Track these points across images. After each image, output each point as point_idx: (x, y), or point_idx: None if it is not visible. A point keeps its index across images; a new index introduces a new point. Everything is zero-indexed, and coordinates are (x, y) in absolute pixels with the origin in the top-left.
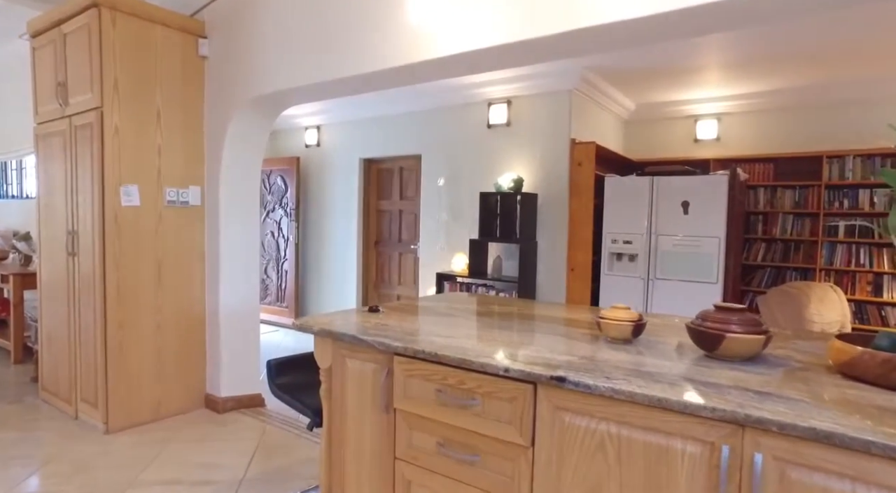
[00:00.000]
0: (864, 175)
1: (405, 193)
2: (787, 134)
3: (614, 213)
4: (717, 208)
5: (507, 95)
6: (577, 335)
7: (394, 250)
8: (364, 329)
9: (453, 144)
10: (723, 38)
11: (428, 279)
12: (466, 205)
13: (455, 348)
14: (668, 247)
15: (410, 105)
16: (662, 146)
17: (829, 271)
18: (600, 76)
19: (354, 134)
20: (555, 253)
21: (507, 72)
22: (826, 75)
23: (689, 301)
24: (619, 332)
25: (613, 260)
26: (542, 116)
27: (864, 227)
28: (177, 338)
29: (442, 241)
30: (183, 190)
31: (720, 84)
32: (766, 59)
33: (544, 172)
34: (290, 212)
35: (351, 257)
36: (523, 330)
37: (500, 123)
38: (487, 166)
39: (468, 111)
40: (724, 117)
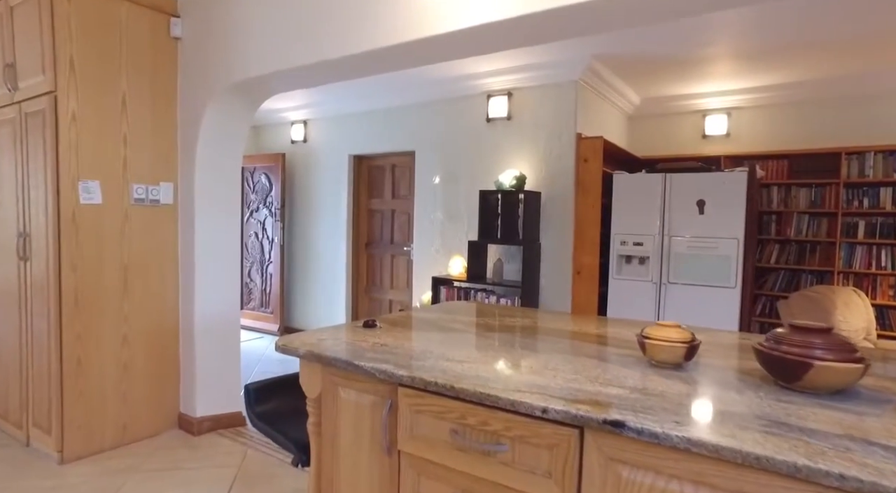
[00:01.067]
0: (886, 172)
1: (398, 192)
2: (803, 129)
3: (624, 212)
4: (736, 207)
5: (508, 87)
6: (615, 357)
7: (386, 252)
8: (360, 352)
9: (450, 139)
10: (734, 25)
11: (422, 283)
12: (464, 204)
13: (475, 379)
14: (681, 249)
15: (403, 98)
16: (668, 143)
17: (848, 273)
18: (607, 67)
19: (343, 129)
20: (559, 255)
21: (508, 62)
22: (843, 67)
23: (705, 307)
24: (670, 355)
25: (622, 263)
26: (546, 108)
27: (886, 226)
28: (146, 351)
29: (437, 242)
30: (153, 187)
31: (731, 76)
32: (779, 49)
33: (548, 169)
34: (276, 212)
35: (340, 259)
36: (549, 350)
37: (500, 117)
38: (487, 163)
39: (466, 104)
40: (734, 112)
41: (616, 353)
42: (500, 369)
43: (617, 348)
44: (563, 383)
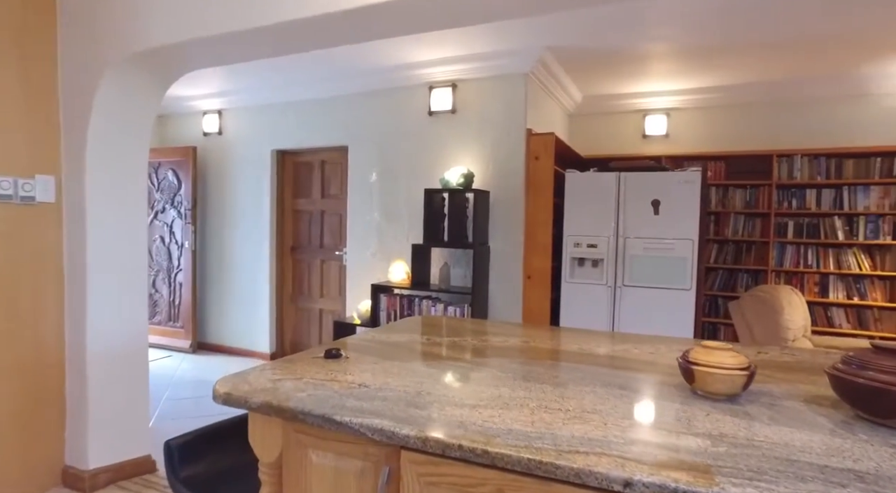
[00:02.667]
0: (812, 175)
1: (328, 191)
2: (738, 131)
3: (576, 213)
4: (690, 208)
5: (452, 78)
6: (651, 388)
7: (314, 258)
8: (337, 400)
9: (388, 133)
10: (672, 24)
11: (358, 291)
12: (404, 204)
13: (510, 436)
14: (637, 250)
15: (335, 88)
16: (610, 142)
17: (780, 272)
18: (557, 60)
19: (265, 121)
20: (509, 259)
21: (452, 50)
22: (774, 73)
23: (660, 311)
24: (727, 385)
25: (575, 266)
26: (494, 102)
27: (812, 227)
28: (15, 391)
29: (375, 246)
30: (26, 180)
31: (670, 77)
32: (715, 51)
33: (496, 167)
34: (185, 213)
35: (262, 265)
36: (570, 382)
37: (443, 110)
38: (429, 160)
39: (405, 96)
40: (673, 113)
41: (648, 381)
42: (535, 419)
43: (644, 374)
44: (622, 434)
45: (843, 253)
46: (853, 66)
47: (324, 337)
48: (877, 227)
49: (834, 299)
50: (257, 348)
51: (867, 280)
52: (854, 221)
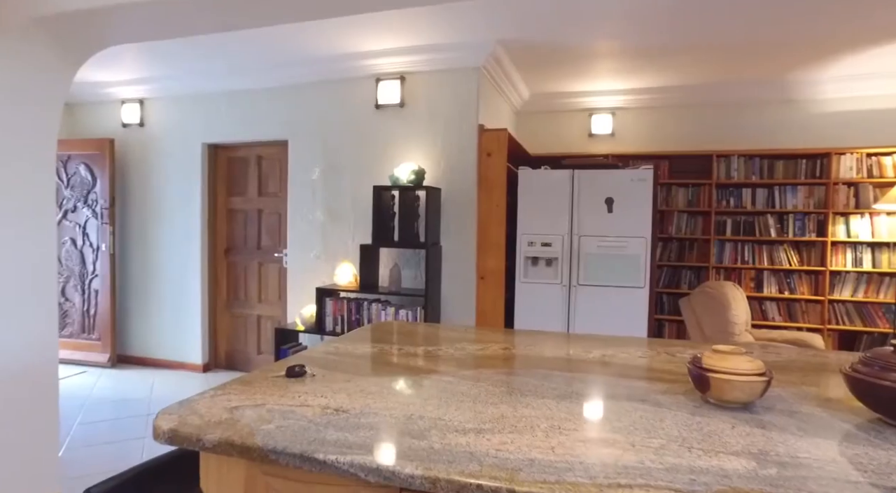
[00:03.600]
0: (747, 175)
1: (266, 189)
2: (680, 132)
3: (530, 211)
4: (643, 206)
5: (400, 70)
6: (663, 399)
7: (251, 260)
8: (315, 432)
9: (331, 127)
10: (620, 21)
11: (301, 295)
12: (350, 202)
13: (535, 468)
14: (591, 249)
15: (274, 78)
16: (556, 140)
17: (720, 268)
18: (509, 54)
19: (195, 112)
20: (461, 259)
21: (400, 41)
22: (714, 75)
23: (615, 310)
24: (745, 393)
25: (529, 265)
26: (445, 96)
27: (748, 225)
28: None
29: (318, 247)
30: None
31: (615, 76)
32: (657, 53)
33: (447, 164)
34: (101, 212)
35: (192, 269)
36: (576, 396)
37: (391, 104)
38: (377, 156)
39: (350, 88)
40: (618, 112)
41: (653, 389)
42: (553, 444)
43: (644, 381)
44: (658, 458)
45: (776, 249)
46: (782, 72)
47: (263, 345)
48: (804, 225)
49: (768, 293)
50: (188, 359)
51: (796, 275)
52: (784, 219)
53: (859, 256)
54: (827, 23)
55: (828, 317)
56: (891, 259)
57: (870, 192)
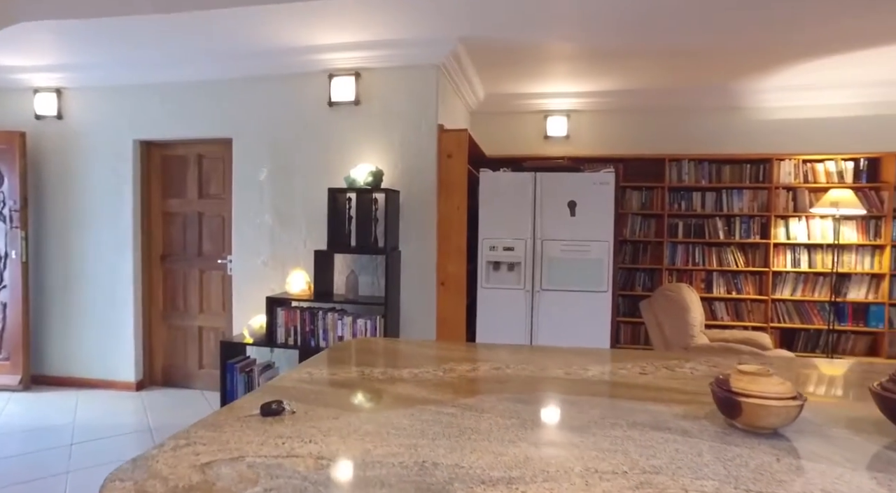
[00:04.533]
0: (697, 178)
1: (207, 190)
2: (634, 135)
3: (492, 215)
4: (605, 209)
5: (355, 66)
6: (693, 426)
7: (191, 267)
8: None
9: (280, 125)
10: (579, 23)
11: (248, 304)
12: (301, 205)
13: None
14: (555, 253)
15: (215, 70)
16: (511, 142)
17: (672, 270)
18: (469, 52)
19: (124, 105)
20: (421, 265)
21: (355, 35)
22: (665, 81)
23: (578, 314)
24: (781, 418)
25: (490, 270)
26: (402, 94)
27: (698, 227)
28: None
29: (267, 253)
30: None
31: (570, 79)
32: (610, 57)
33: (405, 165)
34: (11, 215)
35: (124, 277)
36: (595, 424)
37: (345, 101)
38: (330, 156)
39: (301, 84)
40: (573, 115)
41: (672, 414)
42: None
43: (660, 404)
44: None
45: (724, 251)
46: (728, 80)
47: (206, 359)
48: (749, 227)
49: (717, 294)
50: (118, 377)
51: (742, 276)
52: (732, 221)
53: (797, 257)
54: (769, 35)
55: (771, 316)
56: (824, 260)
57: (806, 196)
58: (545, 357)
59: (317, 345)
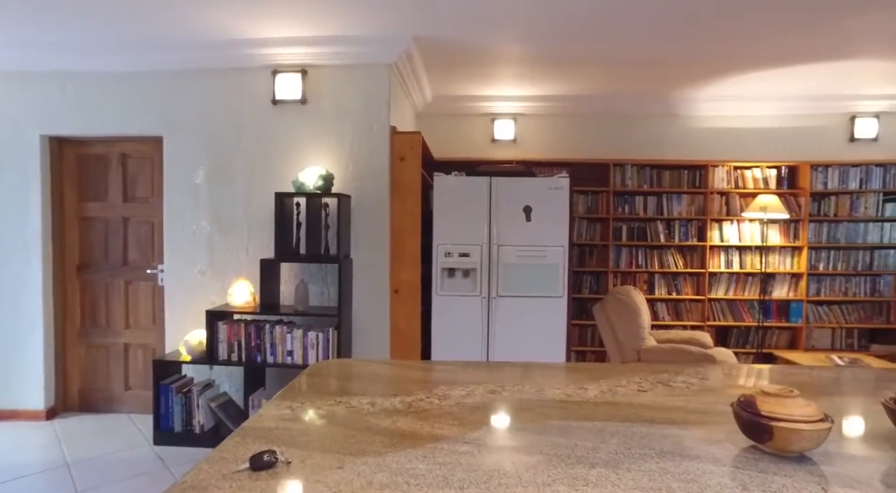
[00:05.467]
0: (640, 183)
1: (133, 193)
2: (580, 140)
3: (446, 220)
4: (560, 214)
5: (302, 62)
6: (721, 452)
7: (115, 278)
8: None
9: (218, 123)
10: (524, 27)
11: (183, 318)
12: (243, 210)
13: None
14: (511, 259)
15: (143, 60)
16: (458, 145)
17: (617, 273)
18: (422, 52)
19: (29, 95)
20: (374, 272)
21: (303, 30)
22: (608, 87)
23: (534, 320)
24: (813, 443)
25: (445, 277)
26: (353, 94)
27: (640, 230)
28: None
29: (204, 262)
30: None
31: (517, 82)
32: (556, 61)
33: (356, 168)
34: None
35: (30, 291)
36: (623, 455)
37: (291, 99)
38: (275, 158)
39: (242, 79)
40: (520, 118)
41: (699, 439)
42: None
43: (681, 429)
44: None
45: (665, 254)
46: (667, 89)
47: (133, 380)
48: (687, 230)
49: (658, 295)
50: (25, 405)
51: (681, 277)
52: (671, 225)
53: (730, 258)
54: (708, 48)
55: (707, 314)
56: (753, 261)
57: (737, 201)
58: (536, 376)
59: (263, 361)
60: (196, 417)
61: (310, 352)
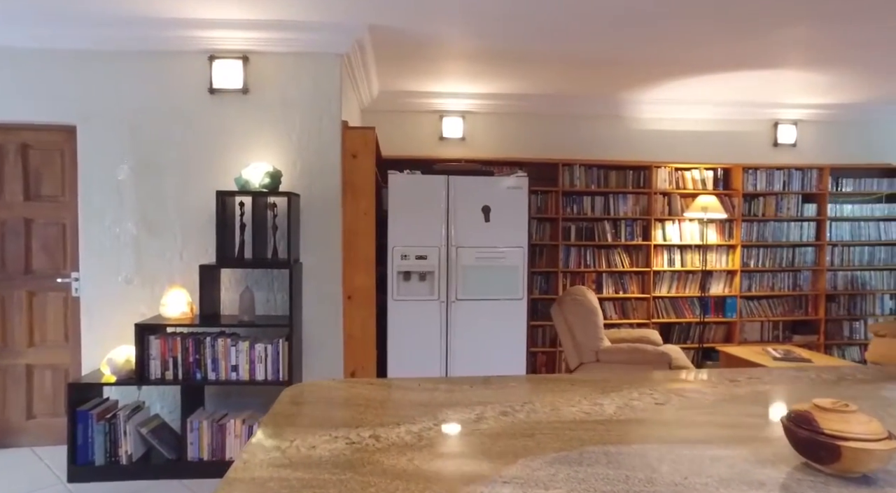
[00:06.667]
0: (587, 183)
1: (38, 190)
2: (529, 139)
3: (402, 221)
4: (519, 214)
5: (243, 48)
6: (781, 475)
7: (14, 288)
8: None
9: (146, 112)
10: (475, 19)
11: (104, 334)
12: (176, 210)
13: None
14: (469, 261)
15: (52, 35)
16: (405, 142)
17: (567, 273)
18: (375, 42)
19: None
20: (326, 277)
21: (244, 11)
22: (556, 86)
23: (494, 324)
24: (882, 461)
25: (401, 281)
26: (301, 84)
27: (588, 230)
28: None
29: (130, 269)
30: None
31: (466, 79)
32: (505, 59)
33: (305, 165)
34: None
35: None
36: (684, 487)
37: (231, 89)
38: (214, 152)
39: (173, 64)
40: (468, 116)
41: (752, 462)
42: None
43: (726, 449)
44: None
45: (612, 253)
46: (612, 90)
47: (38, 407)
48: (633, 230)
49: (606, 294)
50: None
51: (627, 276)
52: (618, 224)
53: (672, 257)
54: (654, 52)
55: (652, 312)
56: (693, 259)
57: (678, 201)
58: (541, 391)
59: (204, 378)
60: (123, 446)
61: (257, 366)
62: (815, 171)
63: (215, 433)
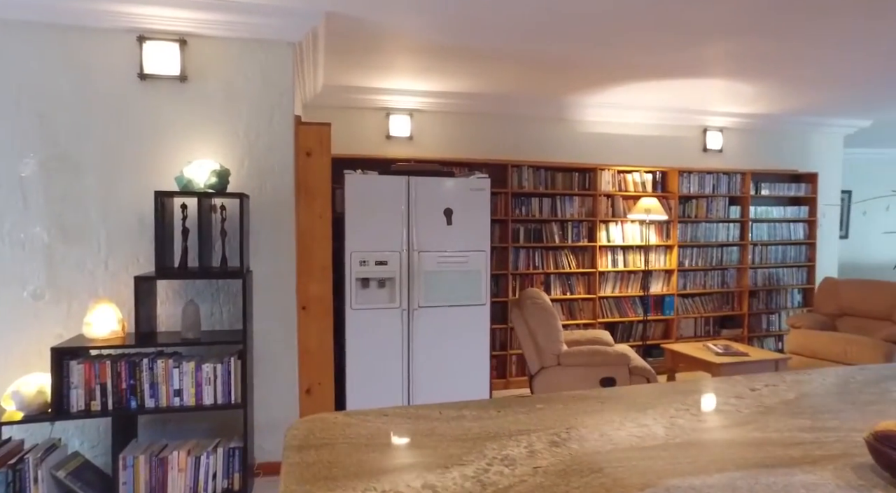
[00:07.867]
0: (535, 185)
1: None
2: (477, 139)
3: (360, 225)
4: (481, 216)
5: (180, 30)
6: None
7: None
8: None
9: (59, 98)
10: (435, 13)
11: (4, 362)
12: (99, 213)
13: None
14: (431, 266)
15: None
16: (351, 140)
17: (516, 274)
18: (329, 31)
19: None
20: (278, 287)
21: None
22: (504, 86)
23: (456, 331)
24: None
25: (360, 288)
26: (249, 73)
27: (536, 232)
28: None
29: (41, 282)
30: None
31: (415, 76)
32: (458, 56)
33: (254, 164)
34: None
35: None
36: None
37: (165, 75)
38: (143, 147)
39: (94, 43)
40: (416, 114)
41: (826, 484)
42: None
43: (791, 471)
44: None
45: (559, 254)
46: (558, 93)
47: None
48: (579, 231)
49: (555, 295)
50: None
51: (574, 277)
52: (565, 226)
53: (616, 257)
54: (600, 54)
55: (598, 312)
56: (635, 259)
57: (621, 203)
58: (572, 411)
59: (140, 406)
60: None
61: (205, 389)
62: (739, 175)
63: (154, 469)
